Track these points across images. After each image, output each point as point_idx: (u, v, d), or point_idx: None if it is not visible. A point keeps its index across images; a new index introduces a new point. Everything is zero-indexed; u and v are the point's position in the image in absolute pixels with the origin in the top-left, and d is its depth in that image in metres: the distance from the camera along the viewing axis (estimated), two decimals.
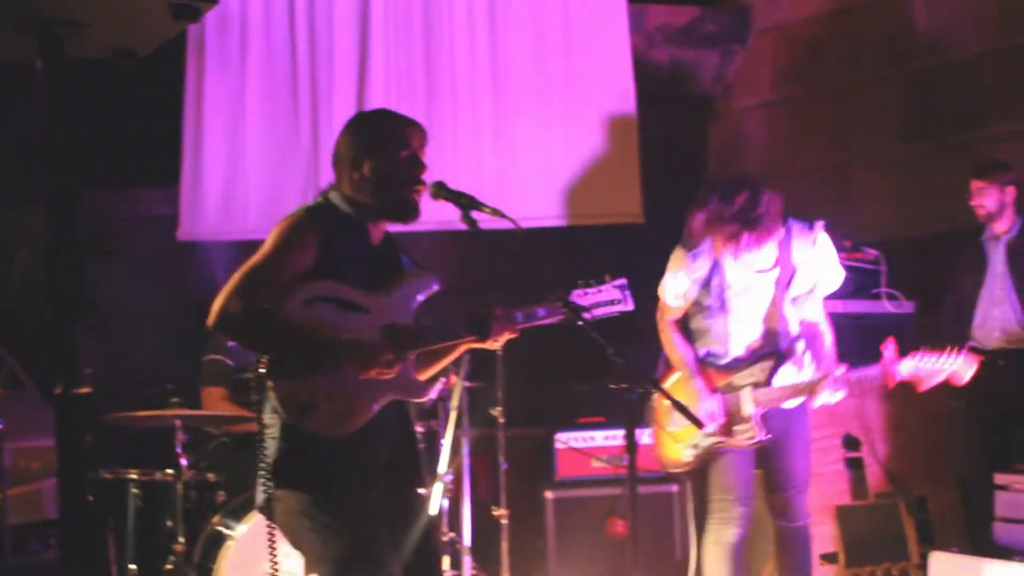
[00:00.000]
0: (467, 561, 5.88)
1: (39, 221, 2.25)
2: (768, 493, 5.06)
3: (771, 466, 5.02)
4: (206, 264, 7.00)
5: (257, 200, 7.16)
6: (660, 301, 5.13)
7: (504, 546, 6.02)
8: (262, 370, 3.54)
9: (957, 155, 7.12)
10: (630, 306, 3.97)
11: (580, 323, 3.74)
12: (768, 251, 4.79)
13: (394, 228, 3.93)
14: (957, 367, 4.68)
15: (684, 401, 4.87)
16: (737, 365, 4.97)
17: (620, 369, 3.72)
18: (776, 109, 8.42)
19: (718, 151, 8.81)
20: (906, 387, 6.73)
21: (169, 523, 5.44)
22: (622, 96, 7.74)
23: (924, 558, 5.77)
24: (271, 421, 3.62)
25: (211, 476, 5.67)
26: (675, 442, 5.08)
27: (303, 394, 3.53)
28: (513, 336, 3.87)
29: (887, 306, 6.62)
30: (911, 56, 7.60)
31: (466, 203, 3.84)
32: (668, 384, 5.09)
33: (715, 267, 4.91)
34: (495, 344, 3.86)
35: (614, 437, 6.65)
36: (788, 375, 4.90)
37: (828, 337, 5.00)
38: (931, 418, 6.79)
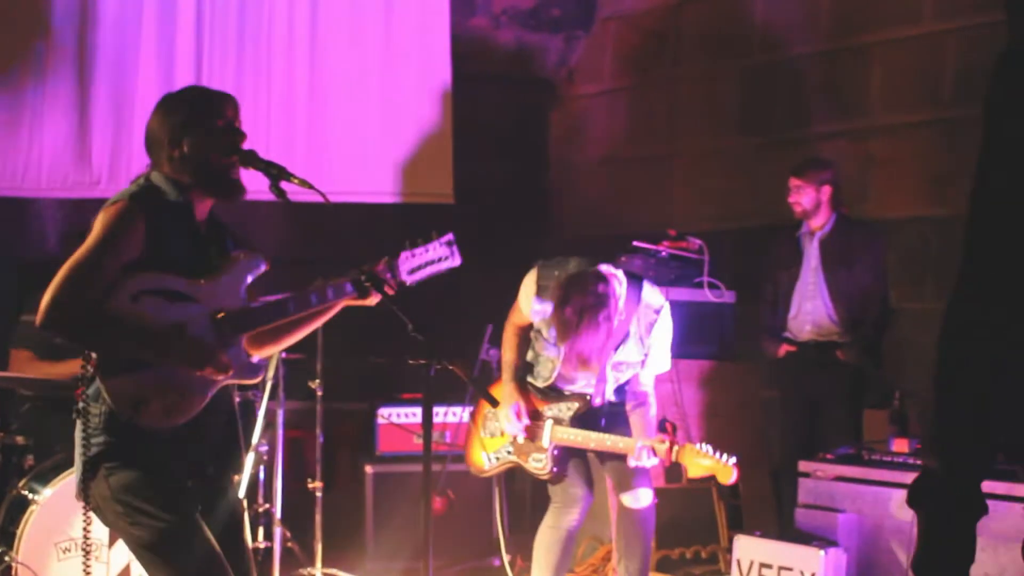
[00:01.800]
0: (279, 532, 5.87)
1: None
2: (608, 471, 5.15)
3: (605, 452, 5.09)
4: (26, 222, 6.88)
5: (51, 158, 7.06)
6: (514, 304, 5.21)
7: (318, 518, 6.01)
8: (90, 368, 3.48)
9: (784, 152, 7.29)
10: (457, 261, 3.95)
11: (386, 297, 3.74)
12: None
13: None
14: (721, 467, 4.91)
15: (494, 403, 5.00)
16: (551, 396, 5.12)
17: (420, 345, 3.73)
18: (615, 97, 8.53)
19: (559, 135, 8.90)
20: (722, 374, 6.94)
21: None
22: (439, 75, 7.78)
23: (732, 542, 5.92)
24: (95, 409, 3.55)
25: (20, 439, 5.56)
26: (481, 448, 5.26)
27: (134, 390, 3.48)
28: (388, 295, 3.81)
29: (708, 295, 6.76)
30: (746, 52, 7.77)
31: (275, 173, 3.79)
32: (494, 389, 5.21)
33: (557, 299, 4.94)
34: (371, 301, 3.84)
35: (438, 414, 6.68)
36: (589, 424, 5.02)
37: (652, 409, 5.11)
38: (746, 406, 6.97)
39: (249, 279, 3.74)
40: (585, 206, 8.55)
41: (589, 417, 5.05)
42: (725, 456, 4.90)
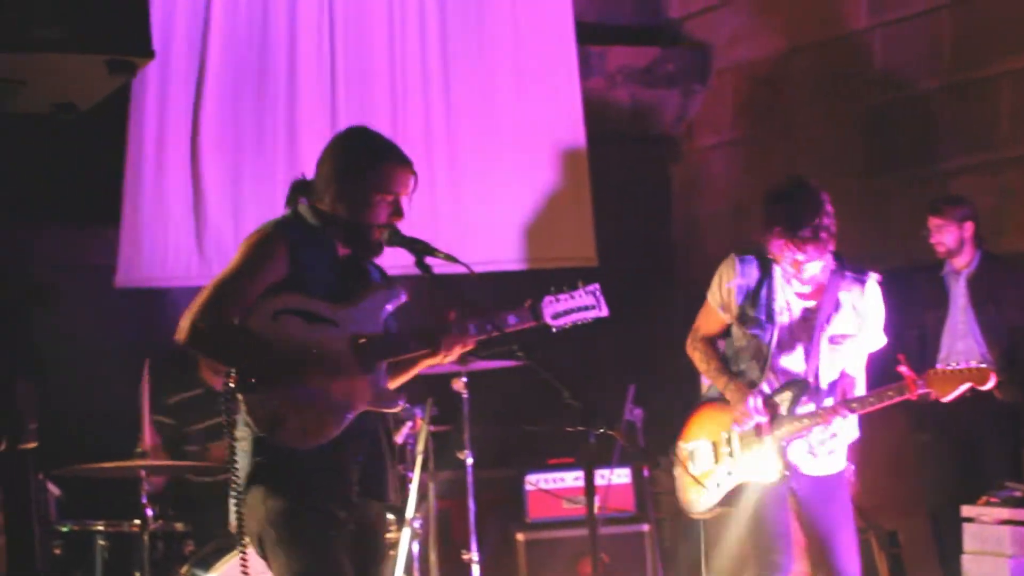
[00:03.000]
0: None
1: None
2: (813, 564, 4.79)
3: (815, 538, 4.71)
4: (175, 308, 7.00)
5: (189, 246, 7.16)
6: (699, 314, 4.93)
7: None
8: (231, 384, 3.53)
9: (914, 190, 7.19)
10: (605, 311, 3.91)
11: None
12: (813, 272, 4.58)
13: None
14: (976, 373, 4.52)
15: (707, 435, 4.82)
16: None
17: (576, 412, 3.71)
18: (737, 147, 8.49)
19: (680, 190, 8.86)
20: (873, 419, 6.77)
21: (137, 574, 5.40)
22: (573, 138, 7.80)
23: None
24: (242, 435, 3.61)
25: (179, 526, 5.64)
26: (695, 483, 4.86)
27: (272, 407, 3.52)
28: (467, 348, 3.80)
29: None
30: (867, 92, 7.68)
31: (420, 249, 3.85)
32: (694, 419, 4.92)
33: (764, 278, 4.70)
34: (448, 357, 3.79)
35: (583, 478, 6.62)
36: (808, 408, 4.65)
37: (861, 390, 4.77)
38: (899, 452, 6.82)
39: (389, 308, 3.77)
40: (712, 259, 8.43)
41: (811, 400, 4.65)
42: (971, 361, 4.57)
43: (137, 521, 5.37)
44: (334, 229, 3.74)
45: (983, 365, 4.49)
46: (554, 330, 3.82)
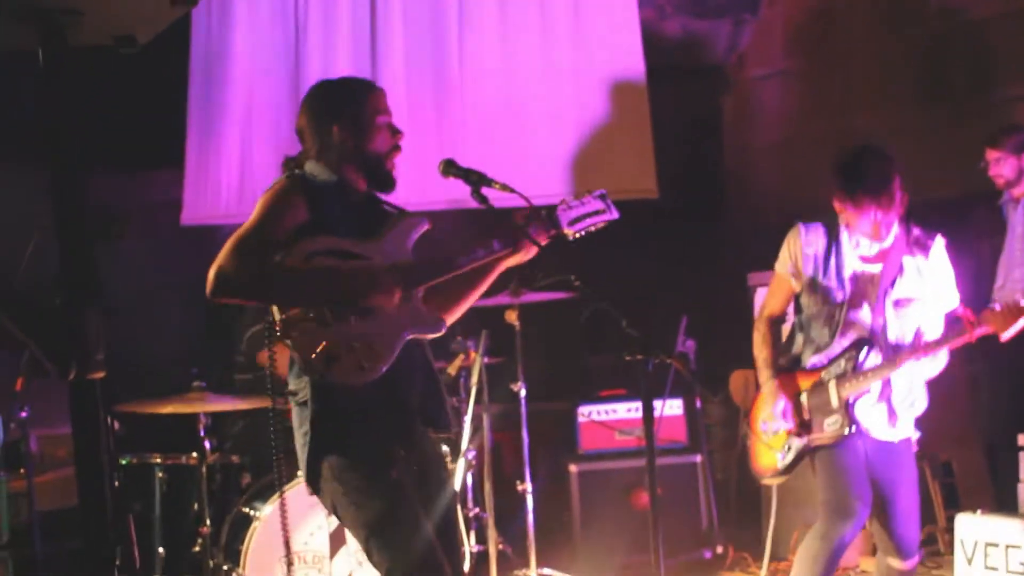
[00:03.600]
0: (493, 536, 5.91)
1: (48, 208, 2.27)
2: (876, 529, 4.74)
3: (879, 503, 4.68)
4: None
5: (260, 183, 7.17)
6: (768, 290, 4.95)
7: (530, 520, 6.04)
8: (277, 330, 3.56)
9: (970, 119, 7.10)
10: (615, 214, 3.95)
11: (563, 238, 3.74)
12: (879, 232, 4.58)
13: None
14: None
15: (765, 408, 4.81)
16: (830, 363, 4.71)
17: (634, 341, 3.71)
18: (788, 78, 8.40)
19: (731, 121, 8.80)
20: None
21: (195, 507, 5.49)
22: (632, 69, 7.72)
23: (951, 521, 5.78)
24: (298, 385, 3.64)
25: (235, 458, 5.72)
26: (769, 449, 4.88)
27: (322, 345, 3.53)
28: (541, 245, 3.84)
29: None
30: (922, 21, 7.57)
31: (476, 180, 3.85)
32: (760, 398, 4.92)
33: (832, 243, 4.70)
34: (528, 255, 3.84)
35: (636, 409, 6.67)
36: (874, 361, 4.63)
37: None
38: (954, 383, 6.77)
39: (415, 236, 3.78)
40: (764, 190, 8.44)
41: (872, 361, 4.63)
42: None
43: (195, 454, 5.46)
44: (349, 168, 3.76)
45: None
46: (571, 237, 3.82)
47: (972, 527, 5.46)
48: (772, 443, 4.85)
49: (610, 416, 6.74)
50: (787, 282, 4.83)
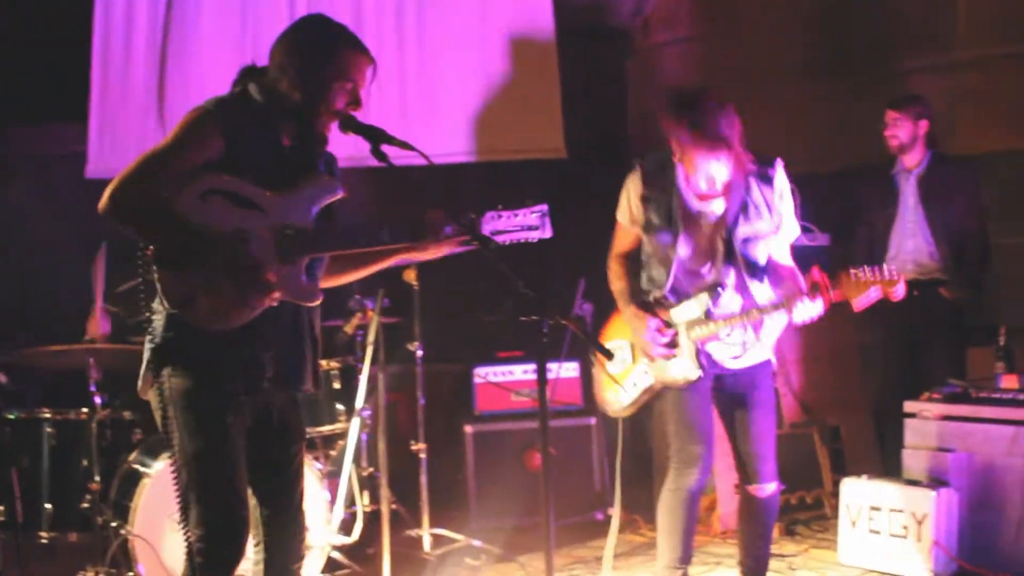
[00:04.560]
0: (386, 495, 5.90)
1: None
2: (735, 455, 4.79)
3: (734, 426, 4.75)
4: None
5: (158, 135, 7.04)
6: (615, 228, 4.93)
7: (423, 480, 6.04)
8: (148, 256, 3.51)
9: (868, 90, 7.20)
10: (548, 233, 3.86)
11: (485, 250, 3.71)
12: (717, 173, 4.51)
13: None
14: (886, 282, 4.48)
15: (624, 335, 4.82)
16: (675, 298, 4.69)
17: (530, 302, 3.70)
18: (692, 44, 8.44)
19: (635, 86, 8.82)
20: (820, 319, 6.84)
21: (84, 462, 5.41)
22: (541, 30, 7.70)
23: (837, 485, 5.89)
24: (157, 308, 3.61)
25: (127, 414, 5.64)
26: (614, 383, 4.90)
27: (184, 285, 3.51)
28: (451, 249, 3.80)
29: (802, 238, 6.67)
30: None
31: (376, 136, 3.81)
32: (614, 319, 4.94)
33: (667, 184, 4.64)
34: (434, 255, 3.81)
35: (532, 371, 6.69)
36: (728, 305, 4.62)
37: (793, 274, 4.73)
38: (843, 350, 6.91)
39: (324, 200, 3.74)
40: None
41: (725, 305, 4.62)
42: (883, 270, 4.48)
43: (85, 409, 5.38)
44: (281, 112, 3.70)
45: (895, 276, 4.47)
46: (491, 246, 3.78)
47: (857, 491, 5.57)
48: (619, 377, 4.86)
49: (506, 377, 6.76)
50: (626, 229, 4.83)
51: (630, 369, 4.84)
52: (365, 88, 3.76)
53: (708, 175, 4.51)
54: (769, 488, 4.72)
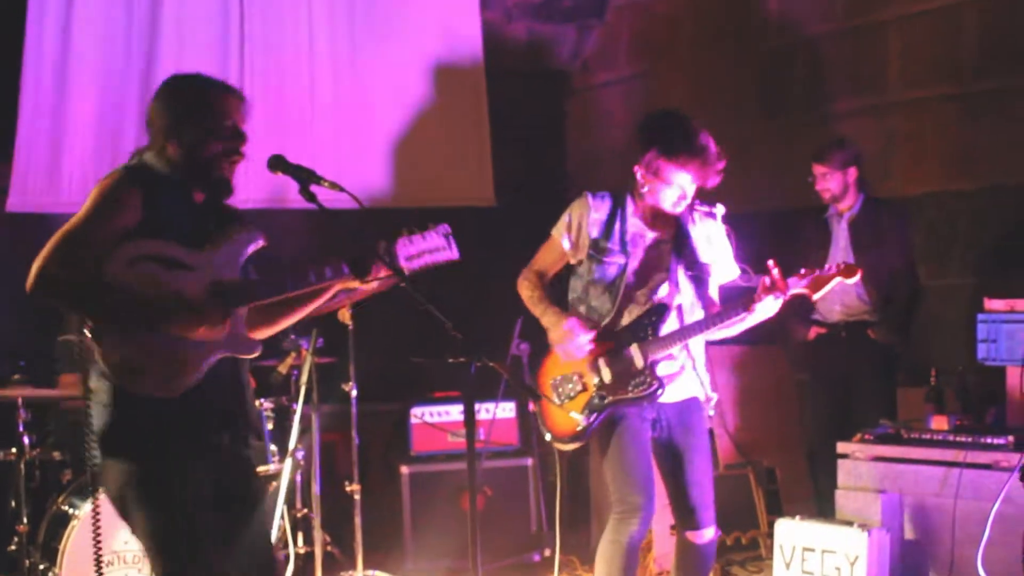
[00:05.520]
0: (320, 537, 5.86)
1: None
2: (672, 501, 4.78)
3: (672, 472, 4.74)
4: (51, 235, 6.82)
5: (85, 172, 6.99)
6: (539, 250, 4.93)
7: (357, 521, 6.00)
8: (87, 332, 3.48)
9: (806, 132, 7.26)
10: (455, 254, 3.91)
11: (409, 288, 3.72)
12: (688, 186, 4.60)
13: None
14: (844, 268, 4.58)
15: (569, 366, 4.76)
16: (619, 326, 4.68)
17: (458, 343, 3.70)
18: (632, 84, 8.50)
19: (575, 126, 8.87)
20: (754, 359, 6.88)
21: (12, 503, 5.34)
22: (472, 76, 7.74)
23: (772, 526, 5.90)
24: (98, 386, 3.56)
25: (56, 455, 5.58)
26: (566, 412, 4.79)
27: (129, 355, 3.48)
28: (387, 279, 3.84)
29: (737, 280, 6.70)
30: (762, 35, 7.74)
31: (305, 177, 3.81)
32: (548, 361, 4.88)
33: (617, 210, 4.71)
34: (370, 283, 3.84)
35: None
36: (671, 325, 4.65)
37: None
38: (778, 389, 6.95)
39: (248, 251, 3.74)
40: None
41: (669, 326, 4.64)
42: (831, 265, 4.61)
43: (13, 449, 5.32)
44: (182, 171, 3.69)
45: (852, 265, 4.60)
46: (407, 273, 3.80)
47: (791, 532, 5.58)
48: (570, 406, 4.78)
49: (443, 418, 6.74)
50: (559, 245, 4.83)
51: (583, 397, 4.77)
52: (245, 124, 3.77)
53: (680, 188, 4.59)
54: (708, 534, 4.73)
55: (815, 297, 4.65)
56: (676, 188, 4.61)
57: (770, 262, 4.59)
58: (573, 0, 8.46)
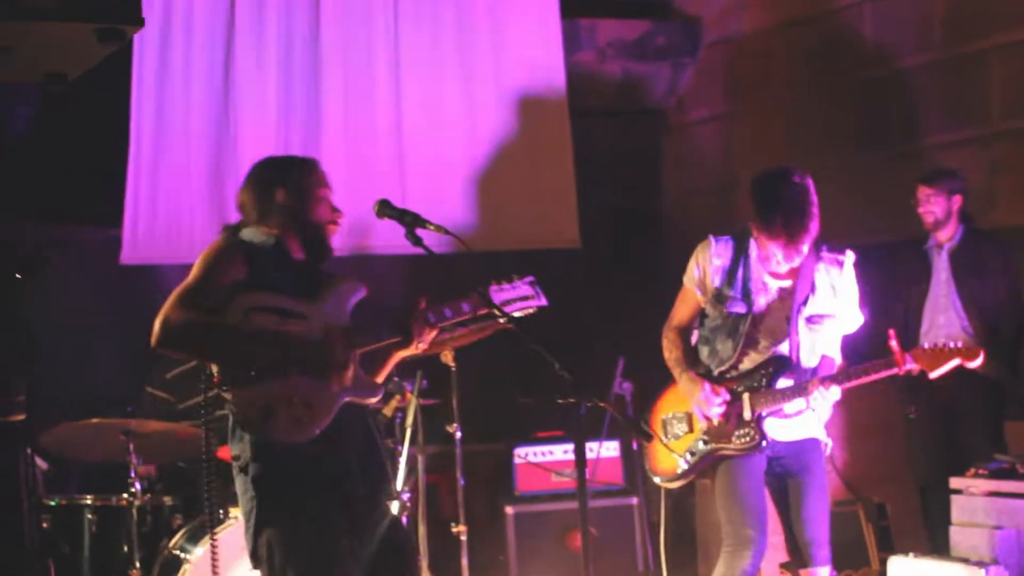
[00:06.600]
0: None
1: None
2: (787, 539, 4.75)
3: (788, 510, 4.73)
4: (159, 287, 6.96)
5: (201, 224, 7.10)
6: (676, 302, 4.96)
7: (464, 562, 6.00)
8: (216, 383, 3.54)
9: (903, 164, 7.19)
10: (543, 301, 3.97)
11: (503, 320, 3.76)
12: (795, 258, 4.64)
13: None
14: (964, 351, 4.56)
15: (682, 405, 4.81)
16: (738, 373, 4.72)
17: (567, 384, 3.70)
18: (728, 121, 8.47)
19: (670, 164, 8.85)
20: (859, 393, 6.77)
21: (125, 548, 5.41)
22: (557, 120, 7.73)
23: (884, 563, 5.80)
24: (239, 448, 3.63)
25: (167, 499, 5.65)
26: (670, 451, 4.84)
27: (260, 399, 3.53)
28: (433, 334, 3.87)
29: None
30: (858, 67, 7.67)
31: (410, 221, 3.87)
32: (669, 391, 4.92)
33: (740, 257, 4.74)
34: (420, 346, 3.87)
35: (572, 451, 6.64)
36: (785, 380, 4.67)
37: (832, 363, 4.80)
38: (887, 425, 6.83)
39: (353, 300, 3.81)
40: (702, 233, 8.44)
41: (791, 377, 4.65)
42: (957, 340, 4.65)
43: (125, 495, 5.39)
44: (288, 233, 3.81)
45: (971, 343, 4.54)
46: (501, 320, 3.82)
47: (906, 570, 5.48)
48: (675, 446, 4.81)
49: (546, 457, 6.72)
50: (693, 295, 4.85)
51: (689, 439, 4.79)
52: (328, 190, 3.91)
53: (781, 255, 4.61)
54: (823, 573, 4.67)
55: (933, 376, 4.63)
56: (776, 247, 4.62)
57: (891, 331, 4.61)
58: (666, 38, 8.46)
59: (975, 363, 4.57)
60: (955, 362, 4.55)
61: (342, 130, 7.32)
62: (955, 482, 5.59)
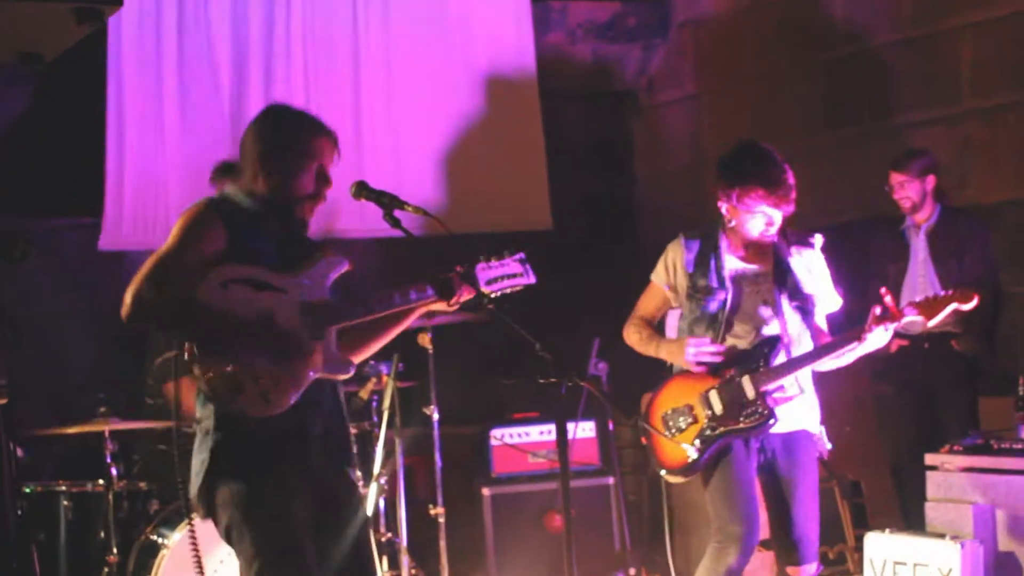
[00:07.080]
0: (406, 561, 5.87)
1: None
2: (773, 534, 4.77)
3: (775, 503, 4.73)
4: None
5: (178, 210, 7.05)
6: (640, 297, 5.00)
7: (442, 544, 6.00)
8: (187, 355, 3.52)
9: (876, 143, 7.22)
10: (532, 279, 3.93)
11: (491, 306, 3.74)
12: (776, 216, 4.63)
13: None
14: (958, 294, 4.59)
15: (681, 399, 4.75)
16: (730, 360, 4.69)
17: (548, 364, 3.70)
18: (699, 102, 8.49)
19: (642, 145, 8.85)
20: (834, 372, 6.81)
21: (101, 535, 5.38)
22: (528, 102, 7.72)
23: (859, 540, 5.84)
24: (204, 413, 3.60)
25: (143, 485, 5.62)
26: (678, 444, 4.74)
27: (227, 372, 3.51)
28: (470, 296, 3.85)
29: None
30: (829, 46, 7.69)
31: (388, 202, 3.85)
32: (665, 390, 4.86)
33: (710, 249, 4.75)
34: (454, 305, 3.85)
35: (549, 432, 6.67)
36: (781, 357, 4.66)
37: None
38: (861, 404, 6.87)
39: (334, 275, 3.77)
40: (674, 214, 8.48)
41: (782, 355, 4.65)
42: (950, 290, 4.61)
43: (101, 481, 5.36)
44: (265, 205, 3.74)
45: (962, 293, 4.56)
46: (487, 294, 3.82)
47: (881, 546, 5.52)
48: (680, 438, 4.76)
49: (523, 439, 6.73)
50: (660, 290, 4.89)
51: (694, 429, 4.74)
52: (332, 166, 3.82)
53: (765, 215, 4.60)
54: (810, 570, 4.70)
55: (930, 324, 4.64)
56: (760, 216, 4.62)
57: (882, 290, 4.62)
58: (637, 19, 8.46)
59: (970, 305, 4.57)
60: (952, 307, 4.56)
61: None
62: (930, 458, 5.62)
